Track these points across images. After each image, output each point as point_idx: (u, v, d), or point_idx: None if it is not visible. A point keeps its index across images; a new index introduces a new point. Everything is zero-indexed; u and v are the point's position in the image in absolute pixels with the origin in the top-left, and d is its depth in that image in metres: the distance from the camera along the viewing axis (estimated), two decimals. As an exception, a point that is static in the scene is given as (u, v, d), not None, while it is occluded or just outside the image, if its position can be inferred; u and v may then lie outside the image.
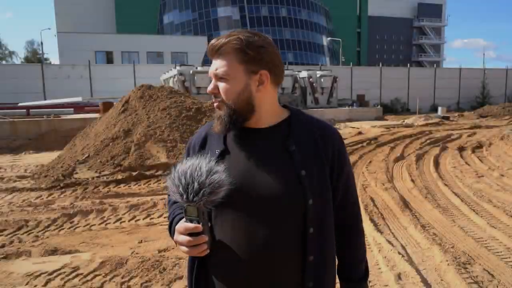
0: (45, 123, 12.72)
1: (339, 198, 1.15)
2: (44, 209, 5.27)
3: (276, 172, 1.06)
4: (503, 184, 6.37)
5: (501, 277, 3.13)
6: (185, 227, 1.00)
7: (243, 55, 1.05)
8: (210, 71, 1.11)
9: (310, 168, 1.07)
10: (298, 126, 1.13)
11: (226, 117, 1.07)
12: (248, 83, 1.08)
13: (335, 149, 1.13)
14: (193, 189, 0.97)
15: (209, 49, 1.10)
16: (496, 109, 23.68)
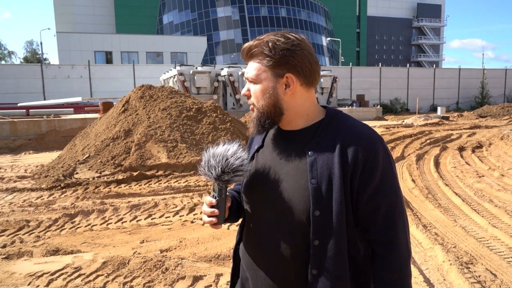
0: (45, 123, 12.71)
1: (363, 217, 1.03)
2: (45, 209, 5.26)
3: (292, 177, 1.06)
4: (504, 184, 6.38)
5: (504, 276, 3.14)
6: (206, 200, 1.14)
7: (268, 59, 1.05)
8: (245, 74, 1.14)
9: (323, 178, 1.01)
10: (326, 131, 1.06)
11: (256, 119, 1.11)
12: (275, 86, 1.07)
13: (359, 158, 1.00)
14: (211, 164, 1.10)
15: (242, 52, 1.14)
16: (496, 109, 23.72)
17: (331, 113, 1.10)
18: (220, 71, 19.41)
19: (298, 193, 1.03)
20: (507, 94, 34.56)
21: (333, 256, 1.00)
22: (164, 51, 35.16)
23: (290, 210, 1.04)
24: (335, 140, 1.03)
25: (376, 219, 1.02)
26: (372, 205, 1.01)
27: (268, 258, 1.11)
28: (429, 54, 61.10)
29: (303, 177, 1.04)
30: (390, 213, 1.02)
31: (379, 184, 1.01)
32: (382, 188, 1.01)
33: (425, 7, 59.89)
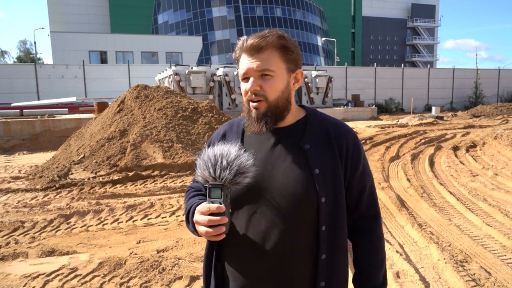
0: (39, 124, 12.61)
1: (353, 198, 1.14)
2: (40, 210, 5.23)
3: (292, 171, 1.08)
4: (498, 183, 6.44)
5: (498, 274, 3.17)
6: (209, 206, 1.00)
7: (286, 53, 1.09)
8: (249, 67, 1.08)
9: (324, 166, 1.08)
10: (314, 125, 1.15)
11: (268, 116, 1.09)
12: (289, 81, 1.11)
13: (349, 147, 1.12)
14: (221, 165, 1.00)
15: (250, 45, 1.07)
16: (489, 109, 23.94)
17: (311, 110, 1.20)
18: (215, 71, 19.39)
19: (302, 184, 1.06)
20: (500, 94, 34.89)
21: (339, 239, 1.09)
22: (159, 51, 35.04)
23: (297, 202, 1.06)
24: (325, 133, 1.13)
25: (363, 198, 1.16)
26: (361, 186, 1.15)
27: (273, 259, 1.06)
28: (423, 54, 61.48)
29: (304, 169, 1.08)
30: (372, 190, 1.19)
31: (363, 167, 1.16)
32: (365, 170, 1.16)
33: (419, 8, 60.25)
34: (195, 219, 1.04)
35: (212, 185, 1.01)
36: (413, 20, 60.17)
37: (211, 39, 40.02)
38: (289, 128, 1.14)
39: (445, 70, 34.09)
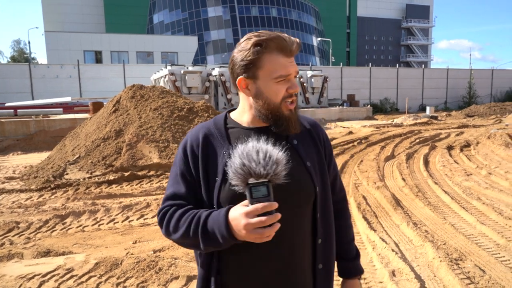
0: (34, 124, 12.53)
1: (331, 184, 1.26)
2: (35, 211, 5.19)
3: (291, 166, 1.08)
4: (491, 182, 6.50)
5: (492, 272, 3.21)
6: (263, 205, 0.91)
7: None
8: (293, 69, 1.11)
9: (312, 159, 1.17)
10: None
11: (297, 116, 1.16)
12: None
13: (325, 140, 1.26)
14: (266, 162, 0.94)
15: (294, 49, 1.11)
16: (483, 109, 24.15)
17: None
18: (211, 71, 19.37)
19: (302, 177, 1.13)
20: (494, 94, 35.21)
21: (330, 222, 1.20)
22: (155, 50, 34.93)
23: (302, 194, 1.12)
24: (305, 129, 1.21)
25: (336, 183, 1.31)
26: (334, 173, 1.29)
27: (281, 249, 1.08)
28: (418, 54, 61.87)
29: (299, 163, 1.13)
30: (339, 176, 1.35)
31: (332, 155, 1.30)
32: (335, 160, 1.32)
33: (414, 8, 60.62)
34: (245, 223, 0.92)
35: (255, 183, 0.94)
36: (407, 20, 60.54)
37: (207, 39, 39.97)
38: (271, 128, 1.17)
39: (439, 70, 34.33)
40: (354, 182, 6.58)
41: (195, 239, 1.02)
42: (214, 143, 1.12)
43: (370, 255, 3.59)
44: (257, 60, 1.07)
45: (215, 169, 1.09)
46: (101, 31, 39.61)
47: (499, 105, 25.38)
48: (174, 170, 1.16)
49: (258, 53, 1.06)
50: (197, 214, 1.04)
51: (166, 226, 1.08)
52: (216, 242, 1.00)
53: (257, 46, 1.06)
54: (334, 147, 10.42)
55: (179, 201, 1.11)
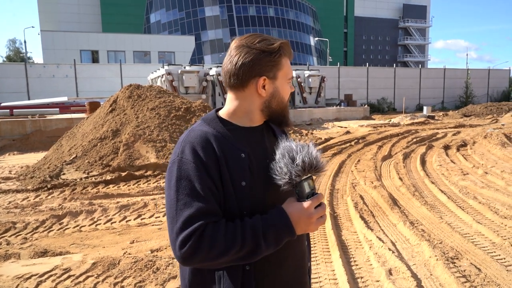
0: (30, 124, 12.46)
1: None
2: (31, 211, 5.18)
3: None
4: (487, 181, 6.54)
5: (488, 270, 3.23)
6: (319, 197, 1.04)
7: None
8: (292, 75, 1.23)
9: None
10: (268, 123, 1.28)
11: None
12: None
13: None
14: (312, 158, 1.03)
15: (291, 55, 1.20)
16: (479, 109, 24.27)
17: None
18: (208, 71, 19.35)
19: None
20: (490, 93, 35.38)
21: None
22: (152, 50, 34.84)
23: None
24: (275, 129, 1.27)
25: None
26: None
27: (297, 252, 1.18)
28: (415, 54, 62.06)
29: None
30: None
31: None
32: None
33: (411, 8, 60.79)
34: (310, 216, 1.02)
35: (305, 178, 1.04)
36: (404, 20, 60.71)
37: (204, 38, 39.92)
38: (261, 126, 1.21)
39: (436, 70, 34.45)
40: (351, 182, 6.60)
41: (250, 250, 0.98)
42: (228, 146, 1.06)
43: (367, 254, 3.60)
44: (279, 62, 1.13)
45: (238, 173, 1.04)
46: (98, 30, 39.46)
47: (496, 105, 25.51)
48: (187, 185, 1.00)
49: (281, 56, 1.13)
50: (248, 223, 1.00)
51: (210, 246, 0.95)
52: (277, 244, 1.02)
53: (280, 50, 1.12)
54: (331, 146, 10.45)
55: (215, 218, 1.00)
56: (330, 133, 13.54)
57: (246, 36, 1.12)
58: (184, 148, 1.04)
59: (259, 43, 1.09)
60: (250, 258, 0.99)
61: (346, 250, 3.73)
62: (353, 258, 3.54)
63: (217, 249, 0.95)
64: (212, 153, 1.03)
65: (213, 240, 0.96)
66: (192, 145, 1.03)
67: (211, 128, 1.09)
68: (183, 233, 0.96)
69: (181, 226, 0.96)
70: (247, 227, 0.99)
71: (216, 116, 1.14)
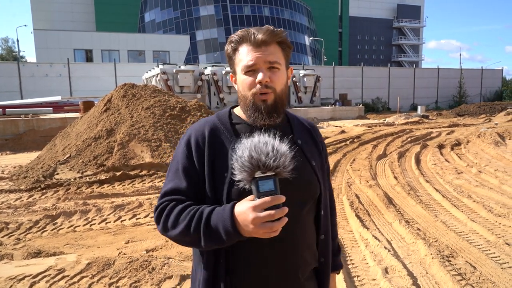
0: (23, 123, 12.34)
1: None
2: (24, 211, 5.12)
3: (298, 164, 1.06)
4: (481, 180, 6.59)
5: (483, 268, 3.25)
6: (272, 198, 0.90)
7: (286, 50, 1.15)
8: (260, 58, 1.07)
9: (315, 158, 1.20)
10: (296, 123, 1.23)
11: (276, 107, 1.10)
12: (287, 76, 1.17)
13: (322, 142, 1.29)
14: (275, 155, 0.93)
15: (261, 39, 1.08)
16: (473, 108, 24.48)
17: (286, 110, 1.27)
18: (203, 70, 19.30)
19: (310, 175, 1.15)
20: (483, 93, 35.70)
21: (328, 221, 1.23)
22: (146, 49, 34.67)
23: (311, 192, 1.15)
24: (306, 129, 1.24)
25: (329, 181, 1.30)
26: (327, 172, 1.30)
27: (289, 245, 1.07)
28: (409, 54, 62.40)
29: (305, 161, 1.15)
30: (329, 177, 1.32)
31: (327, 157, 1.32)
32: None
33: (405, 8, 61.10)
34: (253, 217, 0.90)
35: (262, 177, 0.92)
36: (398, 20, 61.01)
37: (199, 38, 39.79)
38: (279, 125, 1.15)
39: (430, 70, 34.69)
40: (346, 181, 6.61)
41: (195, 235, 0.99)
42: (221, 138, 1.10)
43: (363, 252, 3.61)
44: (233, 55, 1.12)
45: (223, 164, 1.06)
46: (92, 29, 39.16)
47: (489, 104, 25.76)
48: (175, 165, 1.11)
49: (233, 49, 1.12)
50: (199, 210, 1.01)
51: (164, 221, 1.04)
52: (219, 239, 0.96)
53: (232, 43, 1.12)
54: (326, 146, 10.44)
55: (179, 196, 1.06)
56: (325, 133, 13.56)
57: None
58: (185, 134, 1.16)
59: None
60: (197, 243, 1.00)
61: (342, 248, 3.73)
62: (349, 257, 3.54)
63: (168, 225, 1.03)
64: (202, 141, 1.10)
65: (167, 216, 1.04)
66: (190, 132, 1.14)
67: (216, 120, 1.15)
68: (157, 205, 1.09)
69: (159, 198, 1.10)
70: (197, 212, 1.00)
71: (228, 110, 1.20)
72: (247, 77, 1.09)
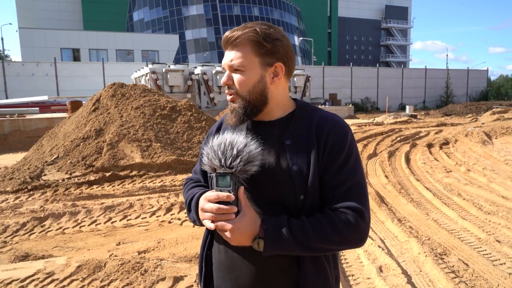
0: (8, 123, 12.06)
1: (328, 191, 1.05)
2: (11, 213, 4.98)
3: (274, 167, 1.07)
4: (470, 178, 6.68)
5: (475, 266, 3.28)
6: (218, 194, 0.99)
7: (259, 47, 1.07)
8: (224, 63, 1.11)
9: (302, 163, 1.05)
10: (299, 120, 1.11)
11: (240, 109, 1.09)
12: (263, 75, 1.09)
13: (329, 139, 1.06)
14: (231, 154, 0.99)
15: (224, 40, 1.10)
16: (459, 108, 24.90)
17: (301, 104, 1.17)
18: (193, 70, 19.17)
19: (285, 180, 1.05)
20: (469, 93, 36.35)
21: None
22: (135, 49, 34.32)
23: (280, 197, 1.06)
24: (308, 126, 1.09)
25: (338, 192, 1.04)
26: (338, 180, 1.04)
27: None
28: (397, 54, 63.14)
29: (284, 165, 1.06)
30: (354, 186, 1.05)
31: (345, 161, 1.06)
32: (347, 164, 1.06)
33: (393, 9, 61.82)
34: (202, 207, 1.04)
35: (220, 173, 1.00)
36: (387, 21, 61.68)
37: (188, 37, 39.53)
38: (275, 123, 1.12)
39: (418, 70, 35.15)
40: (338, 180, 6.63)
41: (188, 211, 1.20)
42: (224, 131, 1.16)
43: (357, 251, 3.61)
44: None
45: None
46: (79, 28, 38.56)
47: (475, 104, 26.24)
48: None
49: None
50: (194, 192, 1.17)
51: (183, 193, 1.28)
52: (193, 219, 1.16)
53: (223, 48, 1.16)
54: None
55: (196, 177, 1.29)
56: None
57: None
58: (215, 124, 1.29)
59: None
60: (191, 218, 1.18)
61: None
62: (343, 256, 3.53)
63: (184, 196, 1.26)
64: (216, 130, 1.24)
65: (184, 190, 1.28)
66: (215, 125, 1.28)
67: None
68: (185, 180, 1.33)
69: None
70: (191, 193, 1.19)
71: None
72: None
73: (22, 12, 38.10)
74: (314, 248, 1.00)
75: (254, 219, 1.01)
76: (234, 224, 0.98)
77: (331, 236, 0.99)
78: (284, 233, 0.98)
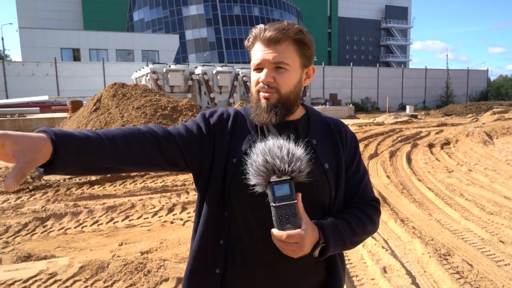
0: (9, 123, 12.05)
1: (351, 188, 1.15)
2: (13, 214, 4.97)
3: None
4: (472, 178, 6.67)
5: (480, 266, 3.27)
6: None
7: (303, 48, 1.08)
8: (265, 58, 1.04)
9: (331, 161, 1.11)
10: (316, 121, 1.17)
11: (277, 105, 1.06)
12: (301, 76, 1.11)
13: (350, 143, 1.17)
14: (290, 159, 0.92)
15: (269, 37, 1.04)
16: (459, 108, 24.91)
17: (309, 106, 1.21)
18: (194, 70, 19.16)
19: (319, 179, 1.07)
20: (469, 93, 36.35)
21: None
22: (135, 49, 34.32)
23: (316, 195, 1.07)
24: (326, 128, 1.16)
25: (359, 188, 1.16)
26: (358, 177, 1.17)
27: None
28: (397, 54, 63.14)
29: (316, 164, 1.06)
30: (367, 181, 1.20)
31: (359, 159, 1.20)
32: (360, 163, 1.20)
33: (393, 9, 61.82)
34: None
35: (277, 181, 0.91)
36: (387, 21, 61.68)
37: (188, 37, 39.52)
38: (297, 122, 1.13)
39: (418, 70, 35.15)
40: (340, 180, 6.62)
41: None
42: (243, 125, 1.12)
43: (360, 252, 3.60)
44: (250, 51, 1.11)
45: (236, 149, 1.07)
46: (79, 28, 38.54)
47: (475, 104, 26.24)
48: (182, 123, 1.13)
49: (249, 43, 1.10)
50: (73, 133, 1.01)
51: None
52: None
53: (248, 40, 1.11)
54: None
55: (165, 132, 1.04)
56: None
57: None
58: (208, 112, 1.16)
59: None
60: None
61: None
62: (347, 257, 3.52)
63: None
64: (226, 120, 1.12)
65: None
66: (211, 111, 1.16)
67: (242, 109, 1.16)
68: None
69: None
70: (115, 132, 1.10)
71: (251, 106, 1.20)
72: (255, 74, 1.09)
73: (22, 12, 38.07)
74: (358, 242, 1.11)
75: (313, 226, 0.98)
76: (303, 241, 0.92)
77: (369, 228, 1.12)
78: (341, 236, 1.03)
